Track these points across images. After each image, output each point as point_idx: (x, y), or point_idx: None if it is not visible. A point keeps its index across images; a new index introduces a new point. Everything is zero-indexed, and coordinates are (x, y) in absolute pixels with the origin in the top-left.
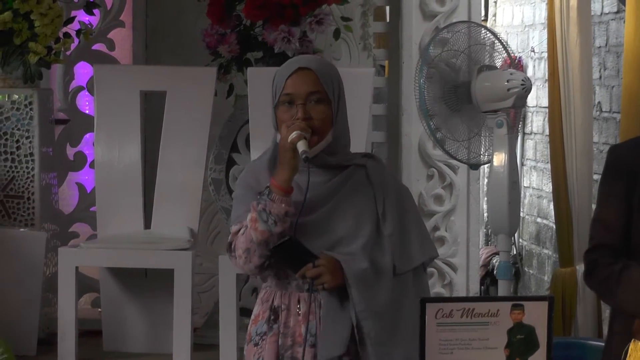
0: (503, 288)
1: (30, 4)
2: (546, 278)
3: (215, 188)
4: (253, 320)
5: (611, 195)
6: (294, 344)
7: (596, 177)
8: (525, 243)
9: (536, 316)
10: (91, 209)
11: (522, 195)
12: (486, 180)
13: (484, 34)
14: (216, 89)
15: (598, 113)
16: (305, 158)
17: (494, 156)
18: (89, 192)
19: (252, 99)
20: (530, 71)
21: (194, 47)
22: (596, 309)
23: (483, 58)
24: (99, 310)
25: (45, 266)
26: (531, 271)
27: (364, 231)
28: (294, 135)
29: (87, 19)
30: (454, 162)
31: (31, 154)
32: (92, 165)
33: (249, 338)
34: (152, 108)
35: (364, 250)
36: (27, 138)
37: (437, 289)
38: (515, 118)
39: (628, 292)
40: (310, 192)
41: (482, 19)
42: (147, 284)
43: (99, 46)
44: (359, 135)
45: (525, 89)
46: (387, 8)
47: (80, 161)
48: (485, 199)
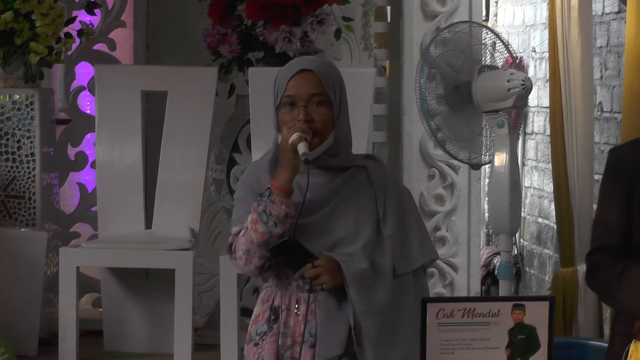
0: (504, 288)
1: (32, 4)
2: (547, 278)
3: (216, 188)
4: (253, 320)
5: (611, 197)
6: (293, 344)
7: (597, 177)
8: (526, 243)
9: (537, 316)
10: (92, 209)
11: (523, 195)
12: (487, 180)
13: (485, 34)
14: (217, 89)
15: (599, 113)
16: (305, 160)
17: (495, 156)
18: (90, 192)
19: (253, 99)
20: (531, 71)
21: (195, 47)
22: (597, 309)
23: (484, 58)
24: (100, 310)
25: (46, 266)
26: (532, 271)
27: (364, 232)
28: (294, 137)
29: (88, 19)
30: (455, 162)
31: (32, 154)
32: (93, 165)
33: (249, 338)
34: (153, 108)
35: (363, 251)
36: (28, 138)
37: (438, 289)
38: (518, 119)
39: (628, 293)
40: (311, 193)
41: (483, 19)
42: (148, 284)
43: (100, 46)
44: (360, 135)
45: (525, 89)
46: (388, 8)
47: (81, 161)
48: (486, 199)
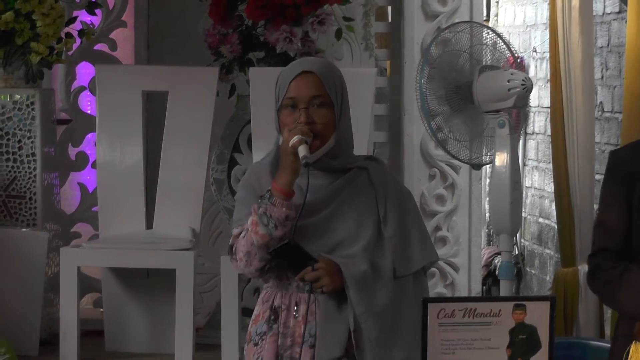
0: (505, 288)
1: (32, 4)
2: (548, 278)
3: (217, 188)
4: (253, 320)
5: (612, 198)
6: (293, 344)
7: (598, 177)
8: (527, 243)
9: (538, 316)
10: (93, 209)
11: (524, 195)
12: (488, 181)
13: (486, 34)
14: (218, 89)
15: (600, 113)
16: (305, 164)
17: (496, 156)
18: (90, 192)
19: (254, 99)
20: (532, 71)
21: (196, 47)
22: (598, 309)
23: (485, 58)
24: (101, 310)
25: (47, 266)
26: (533, 271)
27: (365, 234)
28: (295, 139)
29: (89, 19)
30: (456, 162)
31: (33, 154)
32: (94, 166)
33: (249, 338)
34: (154, 108)
35: (364, 253)
36: (29, 138)
37: (439, 289)
38: (519, 119)
39: (628, 295)
40: (312, 194)
41: (484, 19)
42: (149, 284)
43: (100, 46)
44: (361, 135)
45: (525, 89)
46: (389, 8)
47: (82, 161)
48: (487, 199)
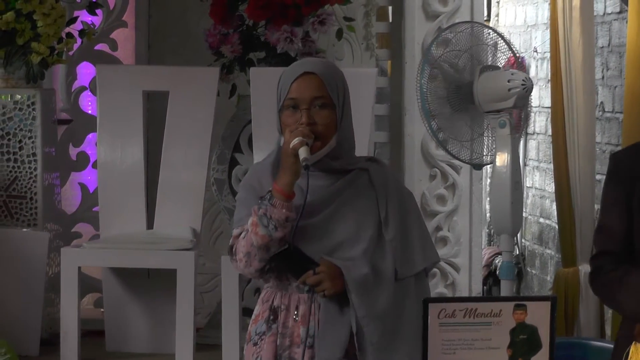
0: (505, 288)
1: (33, 4)
2: (549, 278)
3: (217, 188)
4: (253, 320)
5: (612, 200)
6: (291, 344)
7: (599, 177)
8: (527, 243)
9: (539, 316)
10: (94, 209)
11: (524, 195)
12: (489, 181)
13: (487, 34)
14: (219, 89)
15: (601, 113)
16: (305, 166)
17: (497, 156)
18: (91, 192)
19: (255, 99)
20: (532, 71)
21: (197, 47)
22: (599, 310)
23: (486, 58)
24: (102, 310)
25: (48, 266)
26: (534, 271)
27: (365, 235)
28: (295, 141)
29: (90, 19)
30: (457, 162)
31: (34, 154)
32: (94, 166)
33: (249, 338)
34: (154, 108)
35: (364, 255)
36: (30, 138)
37: (439, 289)
38: (520, 119)
39: (629, 297)
40: (312, 195)
41: (485, 19)
42: (150, 284)
43: (101, 46)
44: (361, 135)
45: (525, 89)
46: (390, 8)
47: (82, 161)
48: (488, 199)
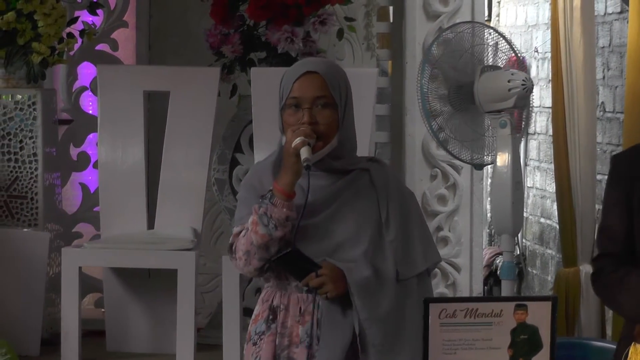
0: (506, 288)
1: (34, 4)
2: (549, 278)
3: (218, 188)
4: (253, 319)
5: (613, 202)
6: (290, 344)
7: (599, 177)
8: (528, 243)
9: (539, 316)
10: (94, 209)
11: (525, 195)
12: (489, 181)
13: (488, 34)
14: (219, 89)
15: (601, 113)
16: (306, 166)
17: (498, 156)
18: (92, 192)
19: (256, 99)
20: (533, 71)
21: (198, 47)
22: (600, 310)
23: (486, 58)
24: (102, 310)
25: (49, 266)
26: (534, 271)
27: (365, 236)
28: (297, 141)
29: (91, 19)
30: (458, 162)
31: (34, 154)
32: (95, 166)
33: (249, 337)
34: (155, 108)
35: (365, 257)
36: (31, 138)
37: (440, 289)
38: (521, 119)
39: (629, 298)
40: (313, 195)
41: (486, 19)
42: (151, 284)
43: (102, 46)
44: (362, 135)
45: (526, 89)
46: (391, 8)
47: (83, 161)
48: (489, 199)
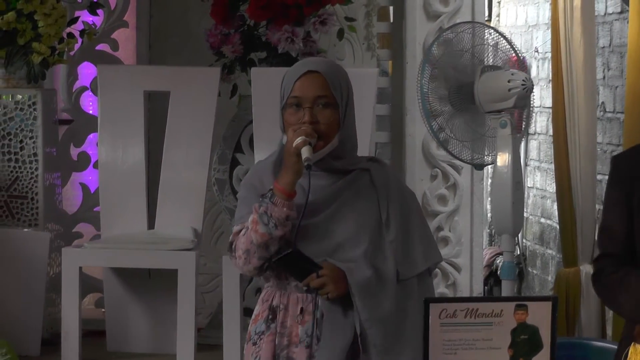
0: (507, 288)
1: (34, 4)
2: (550, 278)
3: (219, 188)
4: (253, 319)
5: (614, 203)
6: (289, 344)
7: (600, 177)
8: (529, 243)
9: (540, 316)
10: (95, 209)
11: (525, 195)
12: (490, 181)
13: (488, 34)
14: (220, 89)
15: (602, 113)
16: (307, 166)
17: (498, 156)
18: (92, 192)
19: (256, 99)
20: (534, 71)
21: (198, 48)
22: (600, 310)
23: (487, 58)
24: (103, 310)
25: (49, 266)
26: (535, 271)
27: (365, 237)
28: (298, 140)
29: (91, 19)
30: (458, 163)
31: (35, 154)
32: (95, 166)
33: (249, 337)
34: (155, 108)
35: (365, 257)
36: (31, 138)
37: (440, 289)
38: (521, 119)
39: (628, 298)
40: (313, 195)
41: (486, 19)
42: (151, 284)
43: (102, 46)
44: (362, 135)
45: (526, 89)
46: (391, 8)
47: (84, 161)
48: (489, 199)
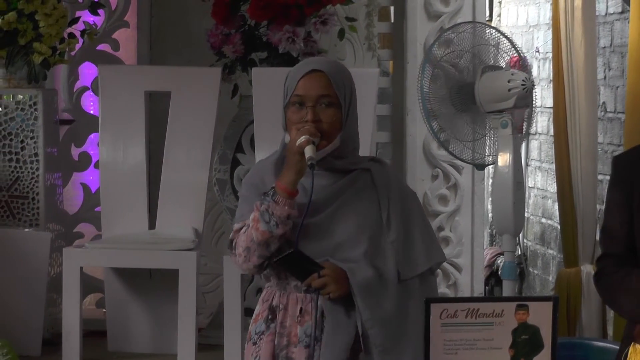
0: (508, 288)
1: (35, 4)
2: (551, 278)
3: (219, 188)
4: (253, 319)
5: (614, 203)
6: (289, 344)
7: (601, 177)
8: (529, 243)
9: (541, 316)
10: (96, 209)
11: (526, 195)
12: (491, 181)
13: (489, 34)
14: (221, 89)
15: (603, 113)
16: (310, 165)
17: (499, 156)
18: (93, 192)
19: (257, 99)
20: (535, 71)
21: (199, 48)
22: (601, 310)
23: (488, 58)
24: (104, 310)
25: (50, 266)
26: (536, 271)
27: (365, 236)
28: (302, 139)
29: (92, 19)
30: (459, 163)
31: (36, 155)
32: (96, 166)
33: (249, 337)
34: (156, 108)
35: (365, 257)
36: (32, 138)
37: (441, 289)
38: (522, 119)
39: (628, 298)
40: (315, 194)
41: (487, 19)
42: (152, 284)
43: (103, 46)
44: (363, 135)
45: (525, 89)
46: (392, 8)
47: (84, 161)
48: (490, 199)
